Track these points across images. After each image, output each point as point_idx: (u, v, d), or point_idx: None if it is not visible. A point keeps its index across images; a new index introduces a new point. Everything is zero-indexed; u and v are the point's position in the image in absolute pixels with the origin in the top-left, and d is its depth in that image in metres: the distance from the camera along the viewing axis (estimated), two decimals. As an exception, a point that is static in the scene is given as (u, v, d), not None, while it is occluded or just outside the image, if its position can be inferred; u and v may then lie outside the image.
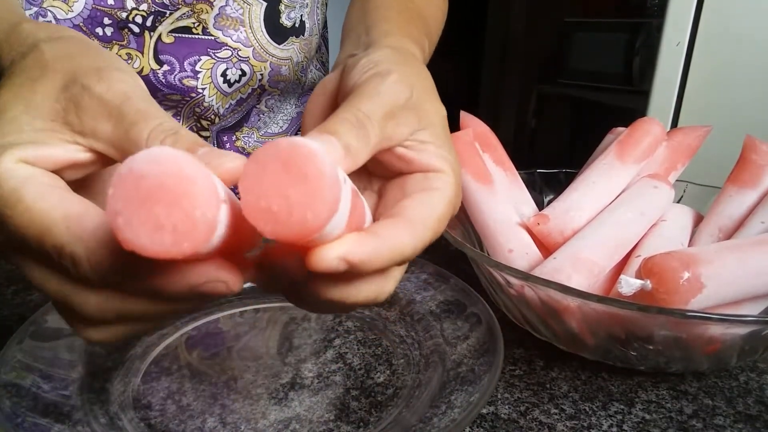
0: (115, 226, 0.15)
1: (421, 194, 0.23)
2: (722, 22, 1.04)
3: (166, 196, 0.15)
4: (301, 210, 0.17)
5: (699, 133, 0.45)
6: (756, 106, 1.03)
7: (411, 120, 0.24)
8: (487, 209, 0.39)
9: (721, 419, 0.31)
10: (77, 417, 0.27)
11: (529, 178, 0.48)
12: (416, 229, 0.22)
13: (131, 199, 0.15)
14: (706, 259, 0.31)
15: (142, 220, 0.15)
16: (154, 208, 0.15)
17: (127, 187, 0.15)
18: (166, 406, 0.30)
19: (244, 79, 0.53)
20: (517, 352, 0.36)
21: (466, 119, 0.45)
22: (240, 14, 0.50)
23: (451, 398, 0.28)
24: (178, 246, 0.15)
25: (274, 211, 0.17)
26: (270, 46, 0.53)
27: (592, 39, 2.20)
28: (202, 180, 0.16)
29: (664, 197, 0.40)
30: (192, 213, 0.15)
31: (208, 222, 0.16)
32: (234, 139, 0.59)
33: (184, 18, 0.48)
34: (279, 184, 0.17)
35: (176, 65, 0.49)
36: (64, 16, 0.44)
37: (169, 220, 0.15)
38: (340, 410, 0.30)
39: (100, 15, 0.45)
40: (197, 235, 0.16)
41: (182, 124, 0.53)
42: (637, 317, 0.29)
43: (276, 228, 0.17)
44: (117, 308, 0.20)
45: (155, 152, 0.16)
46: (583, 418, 0.30)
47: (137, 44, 0.47)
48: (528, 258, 0.38)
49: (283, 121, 0.62)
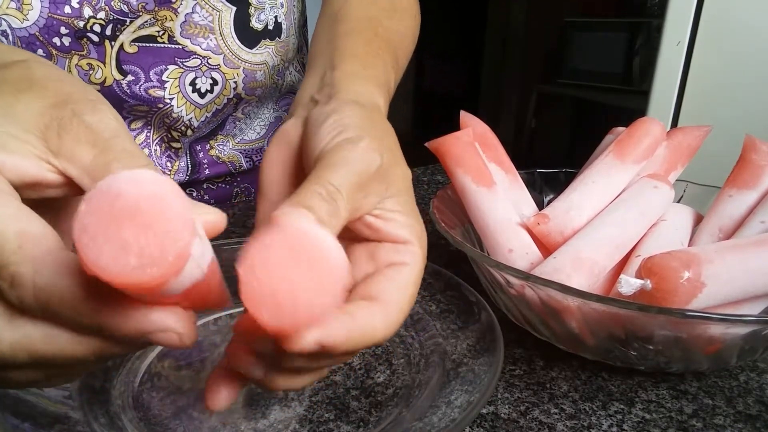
0: (79, 242, 0.14)
1: (393, 272, 0.23)
2: (722, 21, 1.04)
3: (138, 218, 0.14)
4: (306, 302, 0.16)
5: (699, 133, 0.45)
6: (756, 106, 1.03)
7: (380, 188, 0.24)
8: (487, 209, 0.39)
9: (721, 419, 0.31)
10: (77, 417, 0.27)
11: (529, 178, 0.48)
12: (390, 313, 0.22)
13: (102, 216, 0.14)
14: (706, 258, 0.31)
15: (109, 238, 0.14)
16: (124, 228, 0.14)
17: (100, 204, 0.14)
18: (166, 406, 0.30)
19: (217, 88, 0.51)
20: (517, 352, 0.36)
21: (466, 119, 0.45)
22: (209, 21, 0.48)
23: (451, 398, 0.28)
24: (141, 271, 0.14)
25: (279, 301, 0.16)
26: (241, 51, 0.51)
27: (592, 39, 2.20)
28: (179, 207, 0.15)
29: (664, 197, 0.40)
30: (162, 238, 0.14)
31: (177, 250, 0.14)
32: (208, 149, 0.57)
33: (146, 26, 0.46)
34: (285, 272, 0.16)
35: (141, 75, 0.48)
36: (19, 25, 0.42)
37: (137, 243, 0.14)
38: (340, 410, 0.30)
39: (57, 24, 0.43)
40: (164, 263, 0.14)
41: (153, 135, 0.53)
42: (637, 317, 0.29)
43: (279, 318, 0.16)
44: (33, 349, 0.18)
45: (138, 173, 0.15)
46: (583, 418, 0.30)
47: (98, 54, 0.46)
48: (528, 258, 0.38)
49: (260, 127, 0.61)
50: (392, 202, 0.24)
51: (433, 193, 0.65)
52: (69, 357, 0.19)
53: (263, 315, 0.16)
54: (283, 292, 0.16)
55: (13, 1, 0.42)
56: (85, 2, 0.43)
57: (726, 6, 1.03)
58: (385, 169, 0.24)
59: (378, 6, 0.41)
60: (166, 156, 0.55)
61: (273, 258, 0.16)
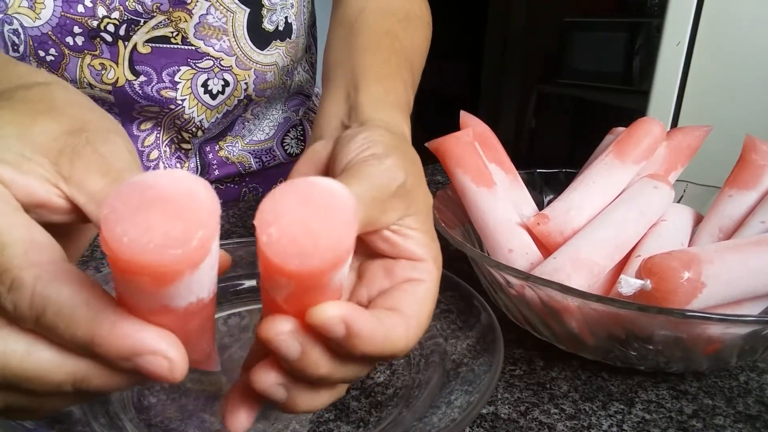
0: (105, 220, 0.14)
1: (412, 287, 0.23)
2: (722, 22, 1.04)
3: (169, 207, 0.14)
4: (327, 237, 0.16)
5: (699, 133, 0.45)
6: (756, 106, 1.03)
7: (401, 206, 0.24)
8: (487, 209, 0.39)
9: (721, 419, 0.31)
10: (77, 417, 0.27)
11: (529, 178, 0.48)
12: (410, 326, 0.22)
13: (132, 203, 0.14)
14: (706, 259, 0.31)
15: (136, 222, 0.14)
16: (152, 213, 0.14)
17: (131, 192, 0.15)
18: (166, 406, 0.30)
19: (228, 90, 0.52)
20: (517, 352, 0.36)
21: (466, 119, 0.45)
22: (223, 23, 0.48)
23: (451, 398, 0.28)
24: (163, 251, 0.14)
25: (300, 243, 0.16)
26: (253, 53, 0.51)
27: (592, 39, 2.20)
28: (210, 202, 0.15)
29: (664, 197, 0.40)
30: (189, 225, 0.14)
31: (202, 238, 0.15)
32: (217, 149, 0.57)
33: (160, 27, 0.46)
34: (300, 217, 0.16)
35: (153, 76, 0.48)
36: (32, 24, 0.42)
37: (164, 227, 0.14)
38: (340, 410, 0.30)
39: (70, 23, 0.43)
40: (187, 246, 0.14)
41: (162, 136, 0.53)
42: (637, 317, 0.29)
43: (304, 259, 0.16)
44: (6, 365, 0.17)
45: (176, 172, 0.15)
46: (583, 418, 0.30)
47: (111, 54, 0.46)
48: (528, 258, 0.38)
49: (269, 128, 0.61)
50: (412, 220, 0.25)
51: (433, 193, 0.65)
52: (46, 380, 0.18)
53: (289, 260, 0.16)
54: (302, 235, 0.16)
55: (25, 0, 0.42)
56: (99, 2, 0.43)
57: (726, 6, 1.03)
58: (408, 189, 0.24)
59: (395, 17, 0.41)
60: (175, 157, 0.55)
61: (286, 208, 0.16)
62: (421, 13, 0.47)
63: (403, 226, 0.24)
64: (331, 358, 0.21)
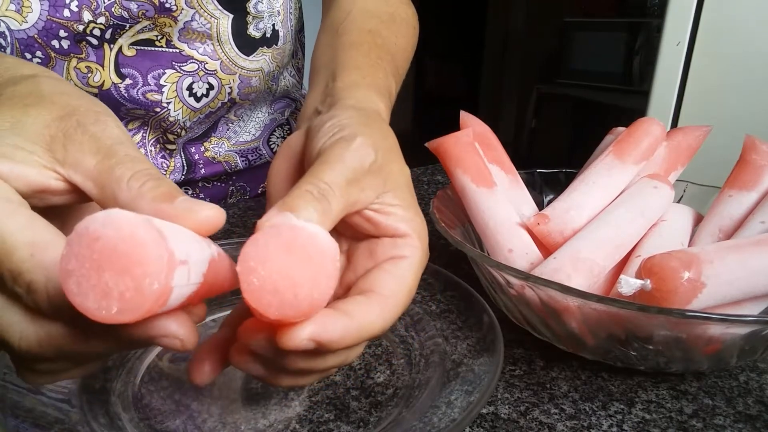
0: (66, 288, 0.16)
1: (391, 265, 0.24)
2: (722, 22, 1.04)
3: (117, 262, 0.15)
4: (307, 289, 0.17)
5: (699, 133, 0.45)
6: (756, 106, 1.03)
7: (376, 183, 0.25)
8: (487, 209, 0.39)
9: (721, 419, 0.31)
10: (77, 417, 0.27)
11: (529, 178, 0.48)
12: (387, 306, 0.23)
13: (83, 261, 0.16)
14: (706, 259, 0.31)
15: (92, 284, 0.16)
16: (104, 273, 0.16)
17: (81, 247, 0.16)
18: (166, 406, 0.30)
19: (212, 93, 0.52)
20: (517, 352, 0.36)
21: (466, 119, 0.45)
22: (207, 28, 0.48)
23: (451, 398, 0.28)
24: (122, 315, 0.16)
25: (280, 293, 0.17)
26: (239, 58, 0.51)
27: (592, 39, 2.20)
28: (155, 247, 0.16)
29: (664, 197, 0.40)
30: (141, 283, 0.16)
31: (155, 293, 0.16)
32: (203, 150, 0.58)
33: (145, 31, 0.46)
34: (283, 266, 0.17)
35: (139, 79, 0.48)
36: (18, 27, 0.42)
37: (117, 288, 0.16)
38: (340, 410, 0.30)
39: (56, 27, 0.43)
40: (144, 304, 0.16)
41: (148, 136, 0.53)
42: (637, 317, 0.29)
43: (283, 311, 0.17)
44: (58, 344, 0.20)
45: (114, 214, 0.16)
46: (583, 418, 0.30)
47: (96, 57, 0.46)
48: (528, 258, 0.38)
49: (255, 129, 0.61)
50: (391, 196, 0.25)
51: (433, 193, 0.65)
52: (88, 352, 0.20)
53: (266, 308, 0.17)
54: (283, 285, 0.17)
55: (12, 3, 0.42)
56: (85, 7, 0.43)
57: (726, 6, 1.03)
58: (380, 165, 0.25)
59: (378, 19, 0.42)
60: (160, 156, 0.55)
61: (269, 255, 0.17)
62: (406, 16, 0.47)
63: (383, 204, 0.25)
64: (308, 357, 0.22)
